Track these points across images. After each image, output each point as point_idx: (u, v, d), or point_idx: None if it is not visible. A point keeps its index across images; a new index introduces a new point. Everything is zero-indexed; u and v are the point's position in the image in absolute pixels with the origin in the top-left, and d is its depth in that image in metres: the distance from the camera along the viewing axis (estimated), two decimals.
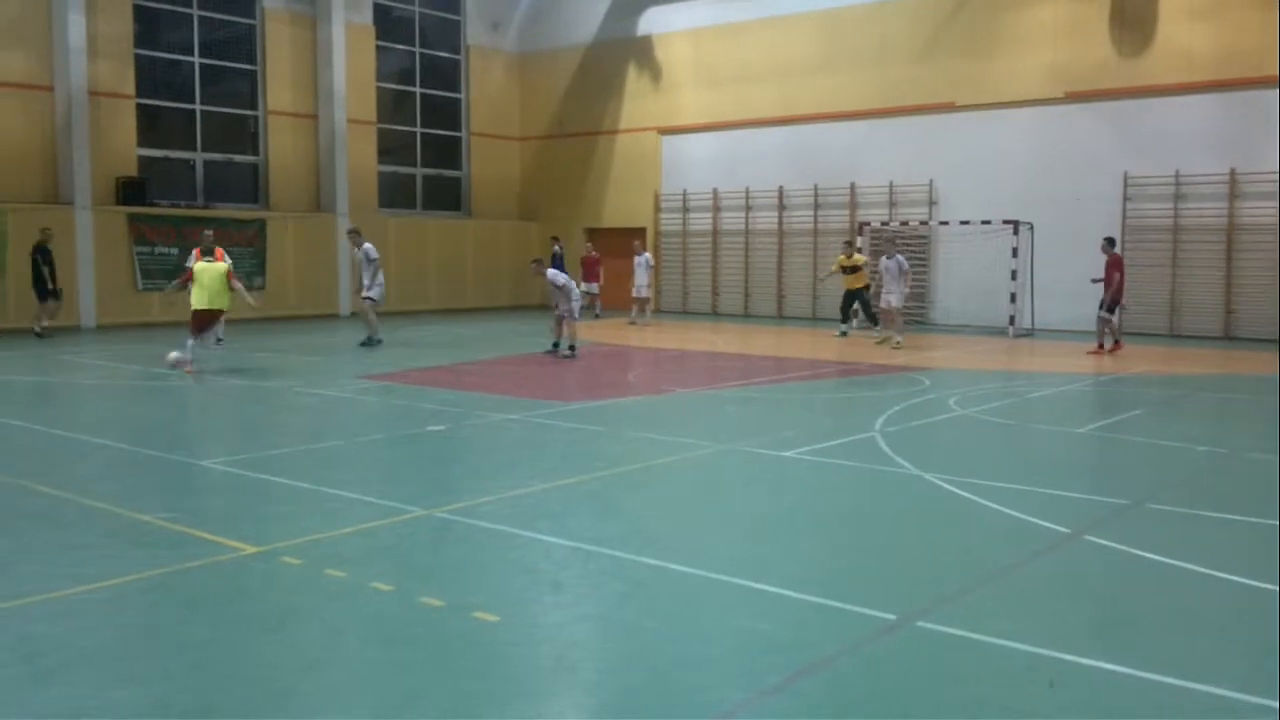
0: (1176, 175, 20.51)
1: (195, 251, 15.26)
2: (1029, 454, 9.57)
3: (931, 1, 23.35)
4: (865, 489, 7.92)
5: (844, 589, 5.39)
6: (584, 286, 23.93)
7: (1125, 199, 21.06)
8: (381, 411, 11.50)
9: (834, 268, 21.09)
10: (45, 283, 18.90)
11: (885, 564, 6.03)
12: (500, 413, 10.91)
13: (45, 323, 19.16)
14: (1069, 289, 20.71)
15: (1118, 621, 5.09)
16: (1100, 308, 17.36)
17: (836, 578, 5.67)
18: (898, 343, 18.02)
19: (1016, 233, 20.90)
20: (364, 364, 15.34)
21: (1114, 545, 6.24)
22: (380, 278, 17.63)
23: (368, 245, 17.69)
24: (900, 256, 18.59)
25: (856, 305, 20.88)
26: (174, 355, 13.83)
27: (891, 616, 4.96)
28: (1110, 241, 17.73)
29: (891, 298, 18.36)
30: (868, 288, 20.63)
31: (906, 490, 7.77)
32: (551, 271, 16.63)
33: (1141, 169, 20.86)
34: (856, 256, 20.74)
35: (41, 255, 18.89)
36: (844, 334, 20.46)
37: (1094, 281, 17.68)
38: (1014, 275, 20.70)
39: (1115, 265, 17.34)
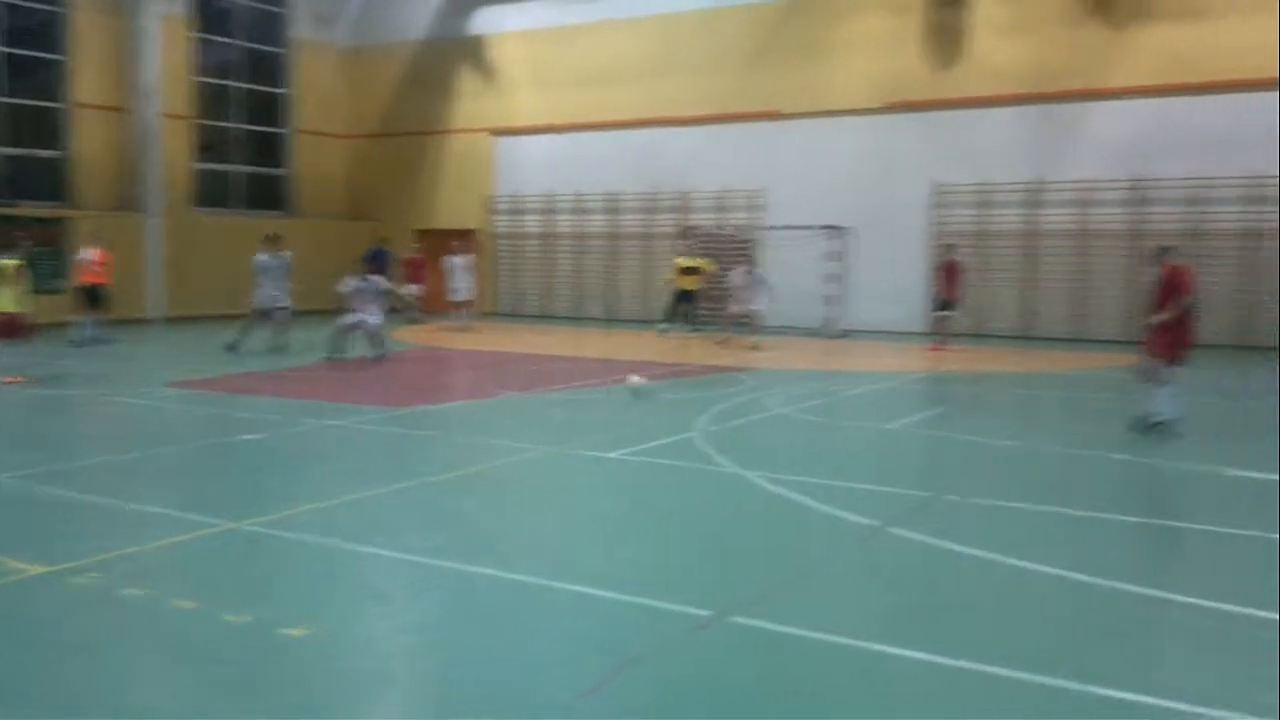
0: (982, 183, 21.69)
1: None
2: (841, 450, 9.93)
3: (760, 11, 23.98)
4: (685, 488, 8.06)
5: (662, 588, 5.47)
6: (407, 289, 23.49)
7: (935, 205, 22.14)
8: (191, 420, 10.99)
9: (671, 274, 21.33)
10: None
11: (702, 561, 6.14)
12: (320, 419, 10.58)
13: None
14: (885, 291, 21.64)
15: (920, 610, 5.33)
16: (938, 308, 18.76)
17: (655, 577, 5.74)
18: (754, 344, 18.51)
19: (837, 237, 21.66)
20: (175, 370, 14.63)
21: (916, 537, 6.54)
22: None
23: (287, 253, 17.41)
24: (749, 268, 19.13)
25: (685, 306, 21.27)
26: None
27: (706, 613, 5.06)
28: (951, 247, 19.13)
29: (749, 305, 18.89)
30: (696, 293, 21.07)
31: (725, 488, 7.94)
32: (376, 278, 16.49)
33: (951, 177, 21.97)
34: (699, 260, 21.13)
35: None
36: (664, 331, 20.82)
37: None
38: (833, 278, 21.45)
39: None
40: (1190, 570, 6.07)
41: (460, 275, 22.75)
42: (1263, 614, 5.11)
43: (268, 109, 28.65)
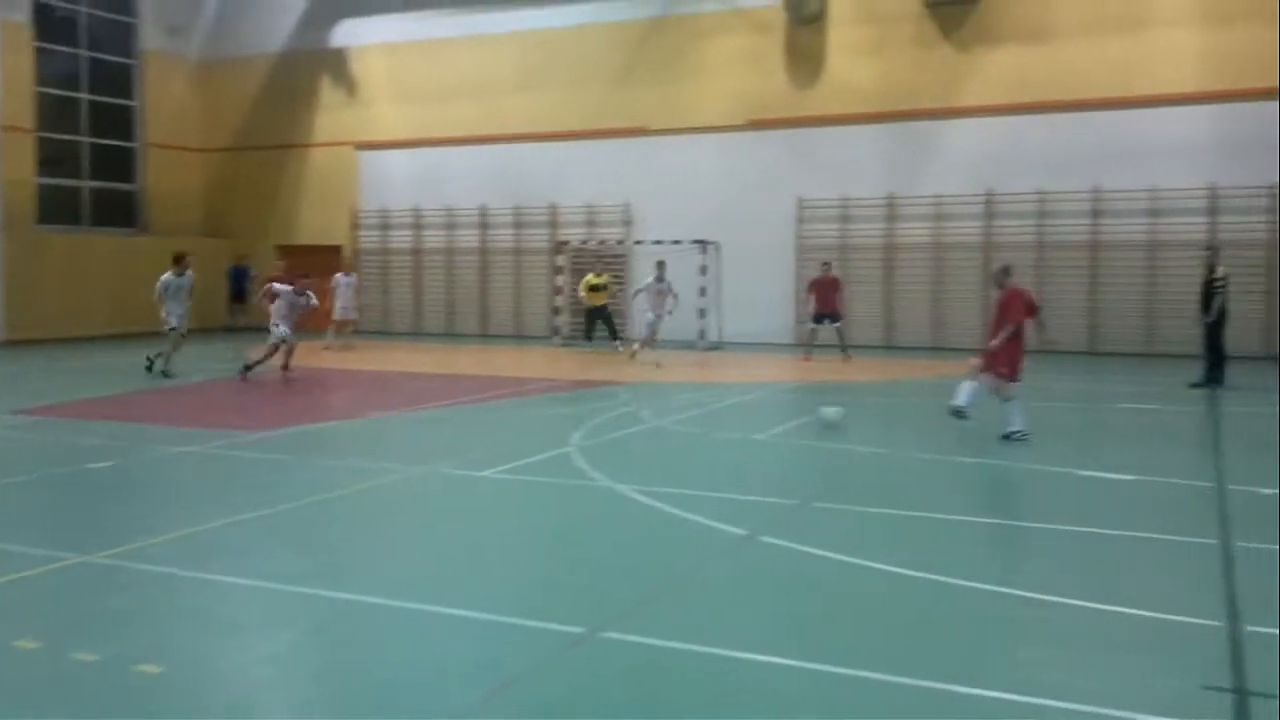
0: (842, 199, 22.35)
1: None
2: (713, 461, 10.07)
3: (626, 28, 24.19)
4: (559, 505, 8.04)
5: (535, 606, 5.43)
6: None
7: (799, 220, 22.70)
8: (36, 449, 10.39)
9: (582, 290, 21.18)
10: None
11: (575, 578, 6.13)
12: (175, 445, 10.17)
13: None
14: (754, 304, 22.07)
15: (788, 617, 5.43)
16: (810, 321, 19.50)
17: (528, 596, 5.70)
18: (654, 362, 18.25)
19: (705, 252, 22.00)
20: (17, 396, 13.85)
21: (785, 544, 6.67)
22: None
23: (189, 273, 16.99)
24: (655, 279, 19.05)
25: (600, 322, 21.16)
26: None
27: (579, 630, 5.05)
28: (828, 265, 19.85)
29: (649, 315, 18.87)
30: (605, 306, 20.97)
31: (599, 503, 7.95)
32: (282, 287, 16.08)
33: (814, 192, 22.56)
34: (605, 276, 21.04)
35: None
36: (619, 349, 20.62)
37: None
38: (703, 292, 21.76)
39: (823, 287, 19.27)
40: (1045, 568, 6.35)
41: (346, 294, 22.02)
42: (1111, 609, 5.39)
43: (117, 122, 27.46)
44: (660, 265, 19.28)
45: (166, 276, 16.85)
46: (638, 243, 23.54)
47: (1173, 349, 19.53)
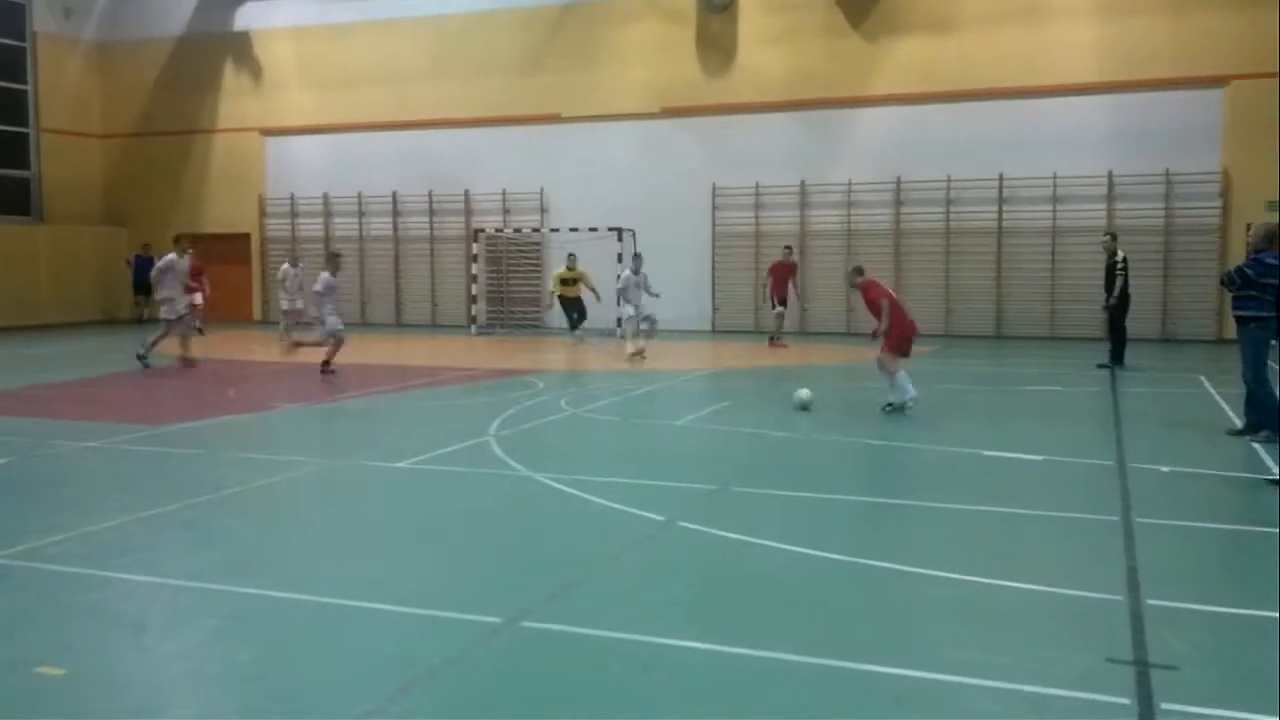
0: (756, 186, 22.54)
1: None
2: (631, 448, 10.09)
3: (535, 14, 24.01)
4: (477, 494, 7.97)
5: (451, 597, 5.38)
6: (186, 298, 21.87)
7: (714, 208, 22.83)
8: None
9: (552, 285, 20.73)
10: None
11: (493, 568, 6.09)
12: (76, 440, 9.83)
13: None
14: (671, 292, 22.09)
15: (706, 600, 5.47)
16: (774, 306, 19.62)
17: (444, 587, 5.65)
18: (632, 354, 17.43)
19: (621, 239, 22.01)
20: None
21: (703, 529, 6.72)
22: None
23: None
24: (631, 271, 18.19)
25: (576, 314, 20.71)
26: None
27: (497, 620, 5.01)
28: (789, 249, 19.99)
29: (629, 310, 17.94)
30: (580, 299, 20.35)
31: (517, 492, 7.91)
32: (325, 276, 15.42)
33: (728, 180, 22.70)
34: (578, 270, 20.44)
35: None
36: (581, 340, 20.27)
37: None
38: (619, 278, 21.75)
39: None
40: (953, 548, 6.49)
41: (295, 284, 21.12)
42: (1017, 585, 5.54)
43: (8, 106, 26.39)
44: (637, 258, 18.22)
45: (170, 257, 16.14)
46: (553, 230, 23.45)
47: (1075, 332, 20.19)
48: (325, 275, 15.55)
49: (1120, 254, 15.57)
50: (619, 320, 18.87)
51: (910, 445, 9.74)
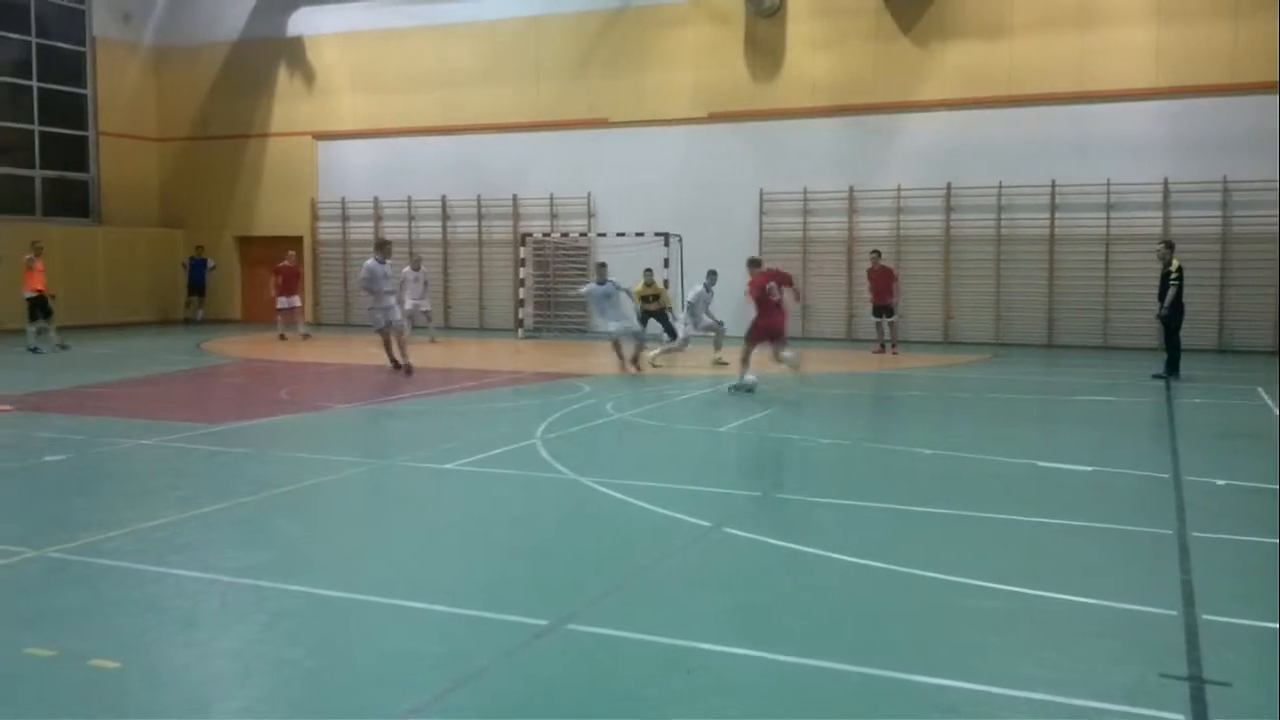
0: (804, 191, 22.43)
1: None
2: (677, 453, 10.08)
3: (583, 19, 24.10)
4: (523, 497, 8.01)
5: (498, 599, 5.41)
6: (283, 301, 22.15)
7: (762, 213, 22.77)
8: None
9: (634, 300, 20.39)
10: None
11: (539, 570, 6.11)
12: (132, 438, 10.02)
13: None
14: (717, 297, 22.03)
15: (751, 607, 5.45)
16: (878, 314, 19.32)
17: (491, 588, 5.68)
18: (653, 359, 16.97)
19: (668, 244, 22.01)
20: None
21: (749, 535, 6.70)
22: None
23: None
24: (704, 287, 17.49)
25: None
26: None
27: (543, 622, 5.04)
28: (878, 254, 19.61)
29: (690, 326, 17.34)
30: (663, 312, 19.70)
31: (563, 495, 7.94)
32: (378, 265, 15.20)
33: (775, 185, 22.62)
34: (655, 286, 19.81)
35: None
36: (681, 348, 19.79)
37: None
38: (666, 284, 21.76)
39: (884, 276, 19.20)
40: (1003, 558, 6.41)
41: (415, 288, 21.14)
42: (1068, 598, 5.46)
43: (69, 110, 26.98)
44: (712, 275, 17.64)
45: (369, 263, 15.68)
46: (600, 235, 23.51)
47: (1130, 342, 19.85)
48: (369, 262, 15.40)
49: (1175, 263, 15.29)
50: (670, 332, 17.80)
51: (962, 455, 9.63)
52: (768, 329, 13.63)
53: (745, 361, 13.52)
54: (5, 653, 4.64)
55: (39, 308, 18.92)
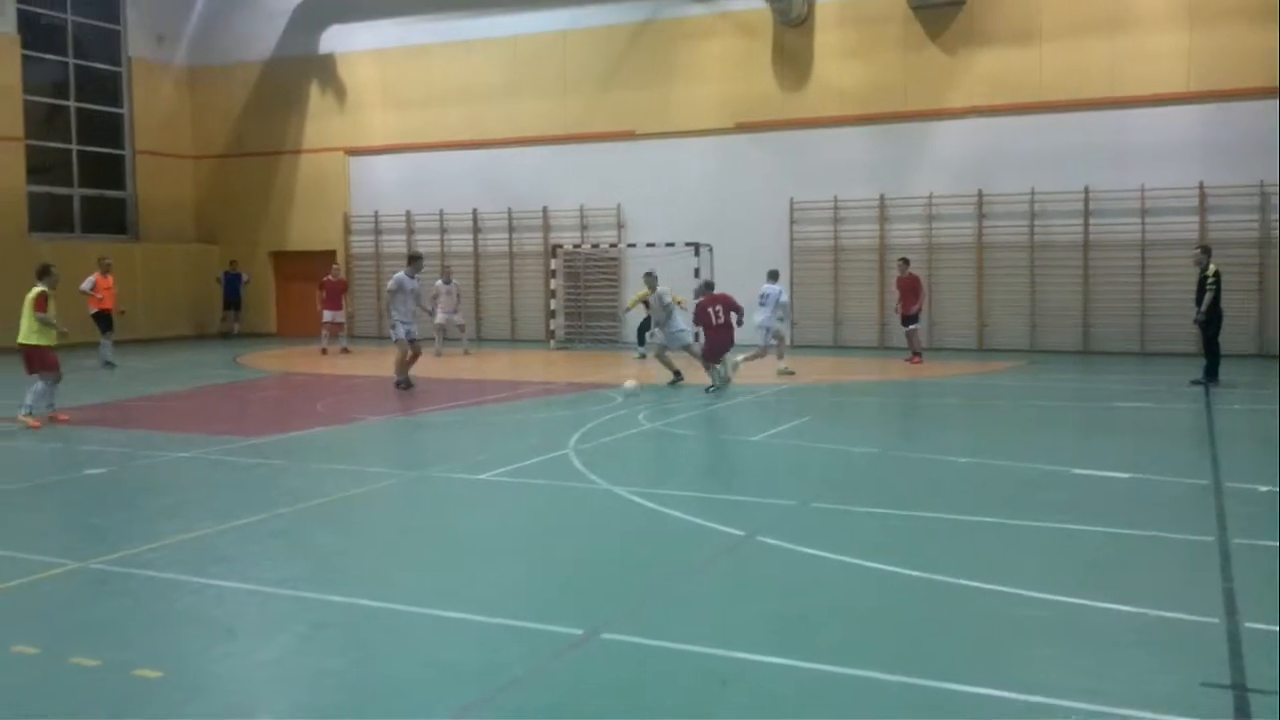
0: (835, 200, 22.38)
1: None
2: (709, 462, 10.07)
3: (610, 32, 24.20)
4: (557, 507, 8.03)
5: (533, 608, 5.43)
6: (328, 315, 22.35)
7: (792, 222, 22.73)
8: (30, 456, 10.37)
9: (630, 303, 20.55)
10: None
11: (574, 580, 6.13)
12: (171, 451, 10.15)
13: None
14: (747, 307, 22.02)
15: (787, 616, 5.43)
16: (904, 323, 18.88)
17: (526, 598, 5.70)
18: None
19: (698, 254, 22.02)
20: (13, 403, 13.78)
21: (784, 544, 6.68)
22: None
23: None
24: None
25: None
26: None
27: (578, 631, 5.05)
28: (905, 262, 19.07)
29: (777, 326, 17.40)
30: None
31: (596, 505, 7.95)
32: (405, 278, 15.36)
33: (805, 194, 22.59)
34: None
35: None
36: (643, 356, 20.05)
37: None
38: (696, 294, 21.74)
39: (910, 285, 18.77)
40: (1043, 566, 6.35)
41: (447, 301, 21.52)
42: (1109, 606, 5.40)
43: (106, 129, 27.42)
44: (774, 274, 17.77)
45: (399, 276, 15.65)
46: (630, 246, 23.56)
47: (1166, 348, 19.62)
48: (399, 275, 15.47)
49: (1212, 268, 15.12)
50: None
51: (997, 462, 9.56)
52: (714, 346, 15.03)
53: (709, 371, 15.03)
54: (51, 663, 4.71)
55: (103, 322, 19.33)
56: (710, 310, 15.10)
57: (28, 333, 12.17)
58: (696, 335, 16.82)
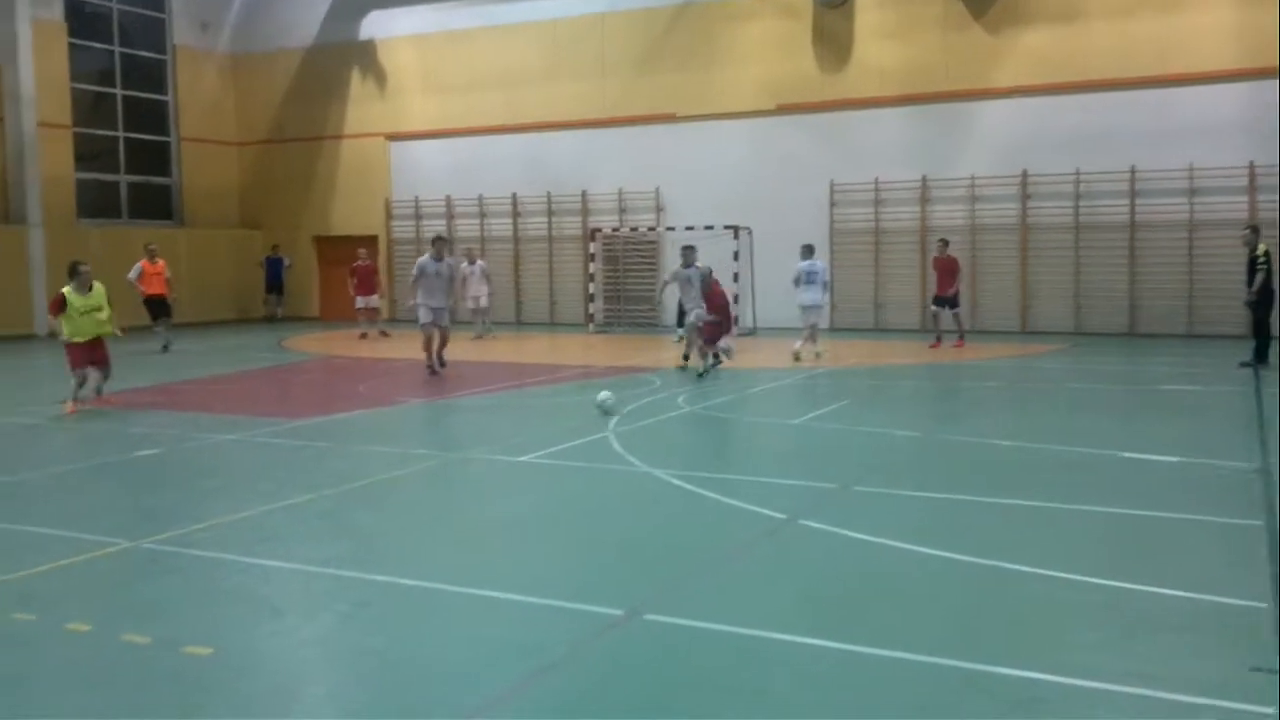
0: (876, 182, 22.19)
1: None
2: (749, 445, 10.06)
3: (649, 15, 24.10)
4: (597, 489, 8.07)
5: (574, 589, 5.47)
6: (361, 301, 22.53)
7: (832, 204, 22.57)
8: (83, 438, 10.58)
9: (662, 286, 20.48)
10: None
11: (614, 561, 6.16)
12: (218, 433, 10.31)
13: None
14: (788, 289, 21.97)
15: (828, 599, 5.43)
16: (938, 305, 18.55)
17: (567, 578, 5.74)
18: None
19: (737, 237, 21.94)
20: (65, 387, 14.06)
21: (825, 527, 6.67)
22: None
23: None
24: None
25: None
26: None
27: (619, 611, 5.08)
28: (945, 243, 18.77)
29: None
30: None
31: (636, 487, 7.97)
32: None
33: (845, 176, 22.41)
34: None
35: None
36: (682, 339, 19.98)
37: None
38: (735, 277, 21.70)
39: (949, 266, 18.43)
40: (1088, 550, 6.29)
41: (478, 282, 21.82)
42: (1155, 590, 5.35)
43: (151, 116, 27.78)
44: (807, 248, 17.76)
45: (423, 260, 15.62)
46: (669, 229, 23.52)
47: (1215, 330, 19.29)
48: (421, 259, 15.48)
49: (1262, 248, 14.83)
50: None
51: (1041, 446, 9.46)
52: (717, 332, 15.14)
53: (702, 355, 15.02)
54: (104, 640, 4.82)
55: (157, 308, 19.85)
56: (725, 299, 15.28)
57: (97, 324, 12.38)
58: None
